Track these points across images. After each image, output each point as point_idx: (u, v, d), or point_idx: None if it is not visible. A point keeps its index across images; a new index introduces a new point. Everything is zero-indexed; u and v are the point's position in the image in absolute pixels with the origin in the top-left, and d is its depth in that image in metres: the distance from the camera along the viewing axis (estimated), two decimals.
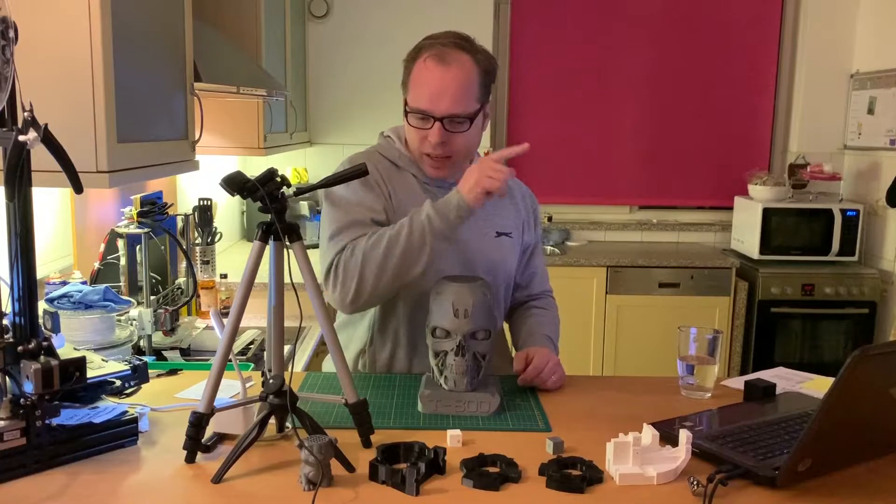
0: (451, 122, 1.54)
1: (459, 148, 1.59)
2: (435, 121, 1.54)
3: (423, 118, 1.55)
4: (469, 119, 1.56)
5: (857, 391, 1.10)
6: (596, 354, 3.89)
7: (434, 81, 1.53)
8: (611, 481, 1.16)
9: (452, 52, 1.54)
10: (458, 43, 1.56)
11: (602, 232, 4.44)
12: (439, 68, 1.53)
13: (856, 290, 3.81)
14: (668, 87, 4.34)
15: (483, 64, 1.57)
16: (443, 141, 1.55)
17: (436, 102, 1.53)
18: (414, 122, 1.57)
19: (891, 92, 3.85)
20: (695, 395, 1.54)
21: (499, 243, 1.69)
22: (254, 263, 1.22)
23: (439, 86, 1.52)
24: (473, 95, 1.56)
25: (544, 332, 1.71)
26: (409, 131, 1.60)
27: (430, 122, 1.54)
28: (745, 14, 4.30)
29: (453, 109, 1.53)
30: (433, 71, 1.53)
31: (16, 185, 1.13)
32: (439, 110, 1.53)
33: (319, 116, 4.21)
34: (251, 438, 1.20)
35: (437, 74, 1.53)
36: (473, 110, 1.56)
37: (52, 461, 1.17)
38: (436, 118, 1.53)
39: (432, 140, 1.55)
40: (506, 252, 1.71)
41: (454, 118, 1.54)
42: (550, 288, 1.87)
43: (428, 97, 1.53)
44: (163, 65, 1.80)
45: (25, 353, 1.14)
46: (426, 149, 1.58)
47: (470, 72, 1.55)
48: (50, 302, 1.77)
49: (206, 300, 2.55)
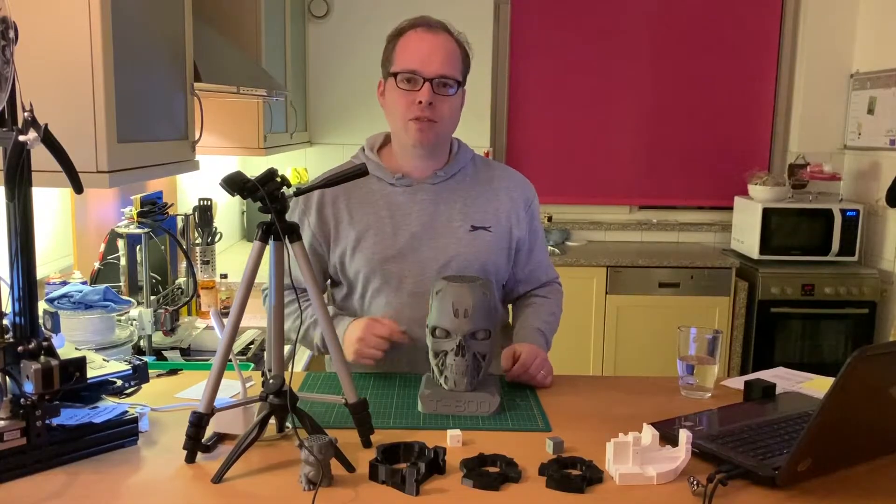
0: (439, 85, 1.59)
1: (444, 114, 1.62)
2: (425, 81, 1.58)
3: (412, 80, 1.59)
4: (456, 83, 1.62)
5: (856, 391, 1.10)
6: (596, 354, 3.89)
7: (424, 45, 1.60)
8: (611, 481, 1.16)
9: (437, 27, 1.63)
10: (441, 23, 1.65)
11: (602, 232, 4.44)
12: (429, 34, 1.61)
13: (856, 290, 3.81)
14: (668, 87, 4.35)
15: (462, 46, 1.66)
16: (431, 101, 1.58)
17: (426, 63, 1.58)
18: (403, 84, 1.60)
19: (891, 92, 3.85)
20: (695, 395, 1.54)
21: (474, 237, 1.68)
22: (254, 263, 1.22)
23: (430, 49, 1.59)
24: (458, 65, 1.63)
25: (536, 325, 1.71)
26: (395, 99, 1.62)
27: (420, 84, 1.58)
28: (745, 14, 4.30)
29: (443, 70, 1.59)
30: (423, 38, 1.61)
31: (16, 185, 1.13)
32: (430, 71, 1.58)
33: (319, 116, 4.21)
34: (251, 438, 1.20)
35: (426, 40, 1.60)
36: (459, 77, 1.63)
37: (52, 461, 1.17)
38: (426, 78, 1.58)
39: (423, 98, 1.58)
40: (482, 247, 1.68)
41: (443, 79, 1.59)
42: (557, 274, 1.87)
43: (419, 59, 1.59)
44: (163, 65, 1.80)
45: (25, 353, 1.14)
46: (413, 112, 1.60)
47: (453, 42, 1.64)
48: (50, 302, 1.77)
49: (207, 300, 2.55)
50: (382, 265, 1.65)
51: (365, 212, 1.67)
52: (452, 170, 1.70)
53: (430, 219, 1.67)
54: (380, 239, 1.65)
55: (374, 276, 1.66)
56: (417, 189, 1.68)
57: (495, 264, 1.71)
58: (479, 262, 1.67)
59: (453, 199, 1.69)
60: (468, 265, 1.66)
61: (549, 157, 4.38)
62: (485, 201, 1.71)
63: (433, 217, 1.67)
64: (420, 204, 1.67)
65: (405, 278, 1.65)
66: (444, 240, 1.66)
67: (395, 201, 1.67)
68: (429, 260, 1.65)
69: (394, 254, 1.65)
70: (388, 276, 1.65)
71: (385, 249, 1.65)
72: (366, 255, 1.65)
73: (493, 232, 1.70)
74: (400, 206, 1.67)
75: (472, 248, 1.67)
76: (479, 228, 1.69)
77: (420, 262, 1.65)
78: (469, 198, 1.70)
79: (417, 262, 1.65)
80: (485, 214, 1.70)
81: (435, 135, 1.63)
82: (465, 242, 1.67)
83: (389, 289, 1.66)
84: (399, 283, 1.65)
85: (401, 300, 1.65)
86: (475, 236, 1.68)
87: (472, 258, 1.66)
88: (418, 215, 1.66)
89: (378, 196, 1.68)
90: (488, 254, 1.69)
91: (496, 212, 1.71)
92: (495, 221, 1.71)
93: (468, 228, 1.68)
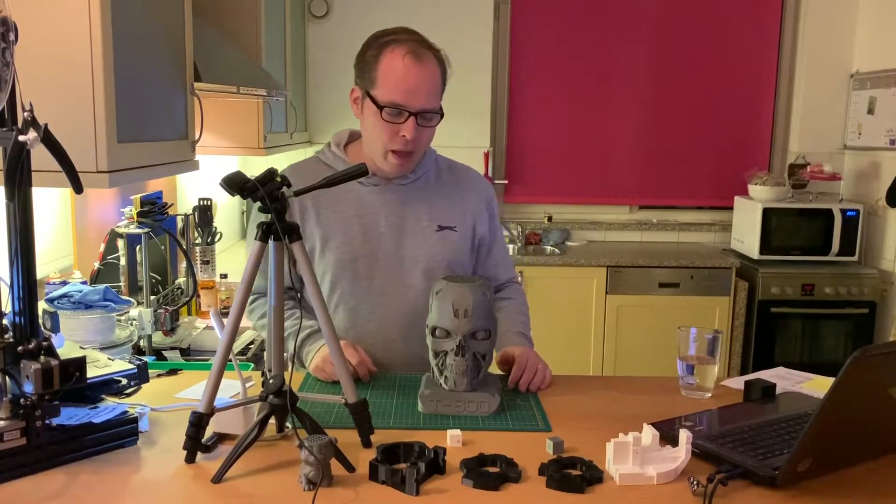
0: (423, 117, 1.58)
1: (424, 143, 1.63)
2: (410, 115, 1.57)
3: (398, 113, 1.57)
4: (438, 114, 1.61)
5: (856, 391, 1.10)
6: (596, 354, 3.89)
7: (410, 77, 1.56)
8: (611, 481, 1.16)
9: (423, 50, 1.59)
10: (424, 41, 1.61)
11: (602, 232, 4.44)
12: (416, 65, 1.56)
13: (856, 290, 3.81)
14: (668, 87, 4.34)
15: (442, 64, 1.63)
16: (415, 136, 1.58)
17: (412, 97, 1.56)
18: (388, 117, 1.58)
19: (890, 92, 3.85)
20: (695, 395, 1.54)
21: (441, 237, 1.69)
22: (254, 264, 1.22)
23: (416, 81, 1.56)
24: (440, 93, 1.62)
25: (515, 329, 1.72)
26: (377, 126, 1.60)
27: (404, 117, 1.57)
28: (745, 14, 4.30)
29: (428, 104, 1.58)
30: (410, 68, 1.56)
31: (16, 185, 1.13)
32: (416, 105, 1.57)
33: (319, 116, 4.21)
34: (251, 438, 1.20)
35: (413, 71, 1.56)
36: (440, 106, 1.62)
37: (51, 461, 1.17)
38: (411, 112, 1.57)
39: (407, 135, 1.57)
40: (449, 246, 1.70)
41: (426, 113, 1.58)
42: (515, 274, 1.89)
43: (404, 92, 1.56)
44: (163, 65, 1.80)
45: (25, 353, 1.14)
46: (396, 144, 1.60)
47: (437, 69, 1.61)
48: (50, 302, 1.77)
49: (206, 300, 2.55)
50: (352, 264, 1.65)
51: (332, 210, 1.67)
52: (419, 171, 1.71)
53: (399, 219, 1.68)
54: (348, 239, 1.65)
55: (343, 276, 1.66)
56: (385, 189, 1.69)
57: (461, 263, 1.73)
58: (446, 261, 1.69)
59: (420, 199, 1.70)
60: (436, 265, 1.67)
61: (549, 157, 4.37)
62: (450, 202, 1.73)
63: (402, 217, 1.68)
64: (388, 204, 1.68)
65: (375, 278, 1.66)
66: (413, 240, 1.68)
67: (363, 200, 1.68)
68: (399, 259, 1.67)
69: (364, 253, 1.65)
70: (357, 276, 1.66)
71: (354, 249, 1.65)
72: (335, 255, 1.65)
73: (458, 231, 1.72)
74: (368, 206, 1.67)
75: (439, 248, 1.69)
76: (446, 228, 1.70)
77: (390, 262, 1.66)
78: (435, 198, 1.71)
79: (387, 261, 1.66)
80: (451, 214, 1.72)
81: (412, 163, 1.66)
82: (432, 242, 1.69)
83: (359, 289, 1.66)
84: (369, 282, 1.66)
85: (371, 300, 1.66)
86: (442, 236, 1.70)
87: (439, 258, 1.68)
88: (387, 215, 1.67)
89: (346, 195, 1.67)
90: (454, 253, 1.71)
91: (462, 212, 1.73)
92: (461, 221, 1.72)
93: (435, 228, 1.70)
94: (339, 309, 1.68)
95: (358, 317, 1.67)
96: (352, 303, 1.67)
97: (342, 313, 1.68)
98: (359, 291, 1.66)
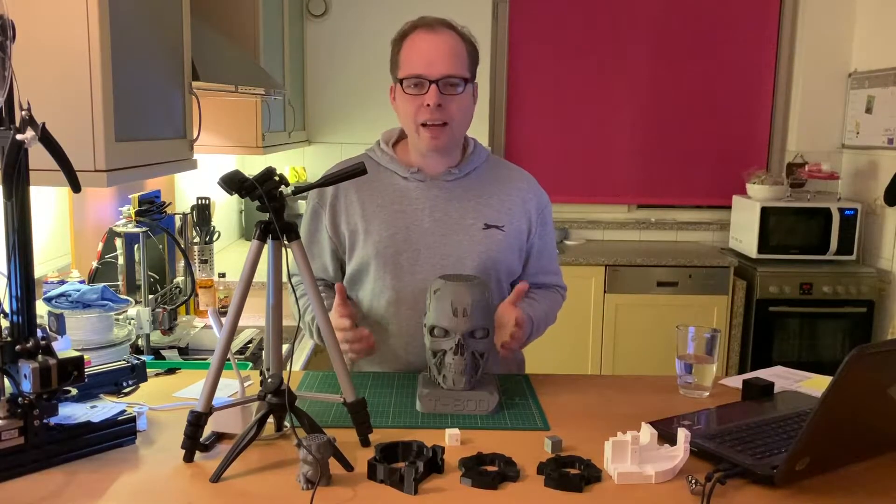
0: (445, 85, 1.59)
1: (455, 114, 1.62)
2: (431, 83, 1.58)
3: (419, 84, 1.59)
4: (463, 81, 1.61)
5: (854, 390, 1.10)
6: (594, 353, 3.90)
7: (427, 48, 1.60)
8: (609, 480, 1.16)
9: (439, 26, 1.62)
10: (442, 21, 1.64)
11: (600, 231, 4.44)
12: (430, 35, 1.60)
13: (854, 288, 3.81)
14: (666, 86, 4.34)
15: (467, 40, 1.65)
16: (439, 103, 1.58)
17: (431, 66, 1.58)
18: (409, 89, 1.60)
19: (889, 91, 3.85)
20: (693, 393, 1.54)
21: (486, 235, 1.68)
22: (252, 262, 1.22)
23: (433, 51, 1.59)
24: (464, 63, 1.62)
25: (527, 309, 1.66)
26: (404, 104, 1.62)
27: (426, 87, 1.58)
28: (743, 13, 4.30)
29: (448, 70, 1.58)
30: (425, 39, 1.60)
31: (13, 183, 1.13)
32: (435, 73, 1.58)
33: (318, 115, 4.21)
34: (249, 437, 1.20)
35: (428, 41, 1.60)
36: (466, 74, 1.62)
37: (50, 460, 1.17)
38: (432, 80, 1.58)
39: (430, 102, 1.58)
40: (494, 245, 1.68)
41: (449, 79, 1.59)
42: (564, 286, 1.86)
43: (423, 62, 1.59)
44: (161, 63, 1.79)
45: (23, 351, 1.13)
46: (423, 116, 1.60)
47: (455, 38, 1.62)
48: (48, 301, 1.77)
49: (205, 299, 2.55)
50: (395, 258, 1.65)
51: (378, 204, 1.67)
52: (467, 168, 1.70)
53: (444, 215, 1.67)
54: (392, 232, 1.65)
55: (386, 269, 1.65)
56: (431, 185, 1.68)
57: (506, 263, 1.71)
58: (490, 259, 1.68)
59: (467, 196, 1.69)
60: (480, 262, 1.66)
61: (548, 156, 4.37)
62: (498, 201, 1.71)
63: (446, 213, 1.67)
64: (433, 200, 1.68)
65: (417, 273, 1.65)
66: (457, 236, 1.67)
67: (408, 196, 1.68)
68: (441, 255, 1.66)
69: (406, 248, 1.65)
70: (400, 269, 1.65)
71: (397, 243, 1.65)
72: (377, 248, 1.65)
73: (505, 231, 1.70)
74: (413, 201, 1.67)
75: (483, 246, 1.67)
76: (492, 227, 1.69)
77: (432, 257, 1.66)
78: (483, 196, 1.70)
79: (431, 256, 1.66)
80: (498, 213, 1.70)
81: (447, 137, 1.63)
82: (477, 240, 1.67)
83: (399, 282, 1.66)
84: (412, 276, 1.65)
85: (411, 294, 1.65)
86: (487, 234, 1.68)
87: (483, 256, 1.67)
88: (431, 211, 1.67)
89: (392, 190, 1.68)
90: (500, 252, 1.69)
91: (509, 212, 1.71)
92: (508, 221, 1.71)
93: (481, 226, 1.68)
94: (381, 299, 1.67)
95: (399, 310, 1.66)
96: (394, 296, 1.66)
97: (379, 305, 1.67)
98: (401, 285, 1.65)
